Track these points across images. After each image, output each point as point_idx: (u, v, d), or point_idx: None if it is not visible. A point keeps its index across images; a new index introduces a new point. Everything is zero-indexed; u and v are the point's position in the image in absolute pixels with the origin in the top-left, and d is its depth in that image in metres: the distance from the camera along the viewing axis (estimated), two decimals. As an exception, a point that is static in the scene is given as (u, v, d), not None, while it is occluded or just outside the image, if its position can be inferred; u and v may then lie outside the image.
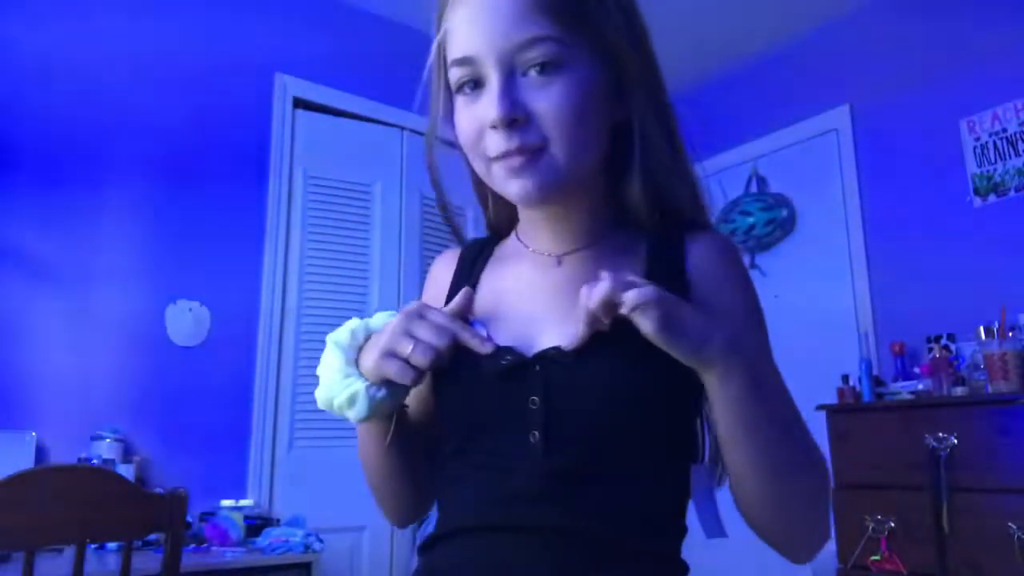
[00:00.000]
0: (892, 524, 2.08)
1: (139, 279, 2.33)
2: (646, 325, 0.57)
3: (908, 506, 2.06)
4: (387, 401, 0.66)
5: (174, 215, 2.42)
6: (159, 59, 2.47)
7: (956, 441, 1.98)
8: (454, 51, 0.65)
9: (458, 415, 0.69)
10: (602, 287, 0.58)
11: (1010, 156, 2.46)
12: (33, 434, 2.04)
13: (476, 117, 0.65)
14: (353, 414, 0.66)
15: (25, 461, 1.98)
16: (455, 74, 0.65)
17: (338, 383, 0.66)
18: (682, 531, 0.68)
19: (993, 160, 2.49)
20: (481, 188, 0.76)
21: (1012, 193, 2.44)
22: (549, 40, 0.62)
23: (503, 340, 0.67)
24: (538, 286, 0.71)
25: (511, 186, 0.65)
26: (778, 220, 3.08)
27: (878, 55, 2.87)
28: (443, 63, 0.68)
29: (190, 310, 2.40)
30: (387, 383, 0.66)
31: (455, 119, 0.68)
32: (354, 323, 0.69)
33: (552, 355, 0.64)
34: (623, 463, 0.64)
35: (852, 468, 2.21)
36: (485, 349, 0.65)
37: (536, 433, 0.63)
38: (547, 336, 0.66)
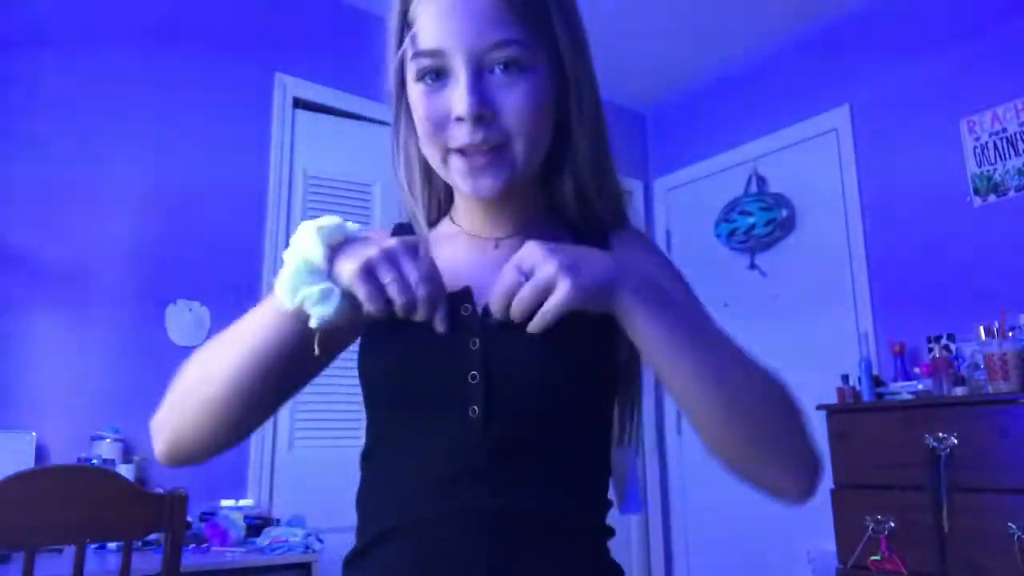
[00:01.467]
0: (892, 524, 2.08)
1: (139, 279, 2.33)
2: (565, 292, 0.59)
3: (908, 506, 2.06)
4: (350, 314, 0.62)
5: (174, 215, 2.42)
6: (159, 59, 2.47)
7: (956, 441, 1.98)
8: (424, 42, 0.66)
9: (388, 381, 0.68)
10: (524, 293, 0.60)
11: (1010, 156, 2.46)
12: (33, 434, 2.04)
13: (441, 107, 0.67)
14: (318, 312, 0.60)
15: (25, 461, 1.98)
16: (420, 63, 0.67)
17: (310, 274, 0.61)
18: (608, 504, 0.72)
19: (993, 160, 2.49)
20: (413, 174, 0.78)
21: (1012, 193, 2.44)
22: (518, 43, 0.65)
23: None
24: (476, 264, 0.73)
25: (468, 182, 0.68)
26: (778, 220, 3.08)
27: (878, 55, 2.87)
28: (407, 57, 0.69)
29: (190, 310, 2.40)
30: (350, 296, 0.62)
31: (414, 105, 0.69)
32: (336, 220, 0.65)
33: (491, 327, 0.65)
34: (558, 439, 0.67)
35: (852, 468, 2.22)
36: (441, 328, 0.63)
37: (475, 408, 0.65)
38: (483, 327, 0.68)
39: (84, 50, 2.33)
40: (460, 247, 0.76)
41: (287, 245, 0.68)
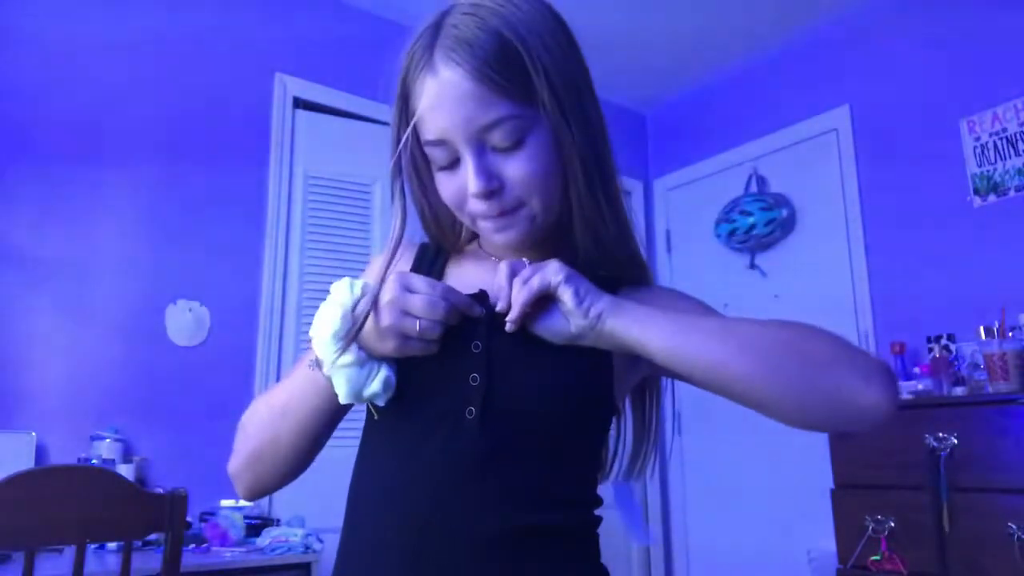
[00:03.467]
0: (892, 524, 2.08)
1: (139, 279, 2.33)
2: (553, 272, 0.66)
3: (908, 506, 2.06)
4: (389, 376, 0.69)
5: (174, 215, 2.42)
6: (159, 59, 2.47)
7: (956, 441, 1.98)
8: (427, 133, 0.70)
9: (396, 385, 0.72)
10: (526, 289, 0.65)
11: (1010, 156, 2.46)
12: (33, 434, 2.04)
13: (458, 188, 0.71)
14: (384, 399, 0.68)
15: (25, 461, 1.98)
16: (433, 153, 0.72)
17: (359, 371, 0.66)
18: (598, 517, 0.74)
19: (993, 160, 2.49)
20: (439, 212, 0.81)
21: (1012, 193, 2.44)
22: (506, 119, 0.67)
23: None
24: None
25: (497, 238, 0.73)
26: (778, 220, 3.08)
27: (878, 55, 2.87)
28: (415, 133, 0.73)
29: (190, 310, 2.40)
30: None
31: (439, 187, 0.74)
32: (348, 291, 0.67)
33: (498, 333, 0.67)
34: (553, 446, 0.69)
35: (852, 468, 2.22)
36: (476, 312, 0.68)
37: (472, 409, 0.67)
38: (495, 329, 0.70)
39: (85, 50, 2.33)
40: (490, 269, 0.76)
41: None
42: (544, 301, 0.66)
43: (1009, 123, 2.47)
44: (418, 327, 0.64)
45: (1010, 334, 2.10)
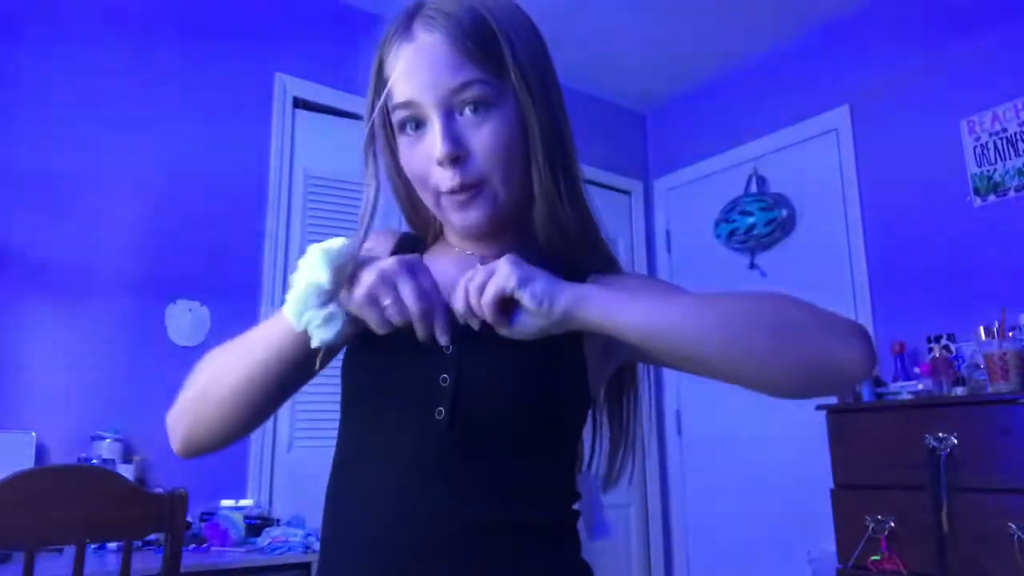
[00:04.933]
0: (892, 524, 2.08)
1: (139, 279, 2.33)
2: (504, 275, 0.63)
3: (908, 506, 2.06)
4: (351, 334, 0.66)
5: (174, 215, 2.42)
6: (159, 59, 2.47)
7: (956, 441, 1.98)
8: (397, 96, 0.72)
9: (364, 381, 0.73)
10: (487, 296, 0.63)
11: (1010, 156, 2.46)
12: (33, 434, 2.04)
13: (423, 154, 0.72)
14: (320, 335, 0.64)
15: (25, 461, 1.98)
16: (399, 115, 0.73)
17: (316, 297, 0.64)
18: (574, 513, 0.74)
19: (993, 160, 2.49)
20: (411, 205, 0.83)
21: (1012, 193, 2.44)
22: (478, 82, 0.70)
23: None
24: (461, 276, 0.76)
25: (457, 217, 0.73)
26: (778, 220, 3.08)
27: (878, 55, 2.87)
28: (385, 109, 0.75)
29: (190, 310, 2.40)
30: (353, 318, 0.66)
31: (401, 156, 0.75)
32: (342, 242, 0.66)
33: (470, 336, 0.66)
34: (522, 447, 0.69)
35: (852, 468, 2.22)
36: (443, 340, 0.64)
37: (442, 409, 0.68)
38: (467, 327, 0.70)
39: (85, 50, 2.33)
40: (451, 264, 0.78)
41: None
42: (507, 304, 0.64)
43: (1009, 123, 2.47)
44: (389, 311, 0.62)
45: (1010, 334, 2.10)
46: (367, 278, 0.63)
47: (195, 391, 0.74)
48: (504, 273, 0.63)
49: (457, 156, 0.70)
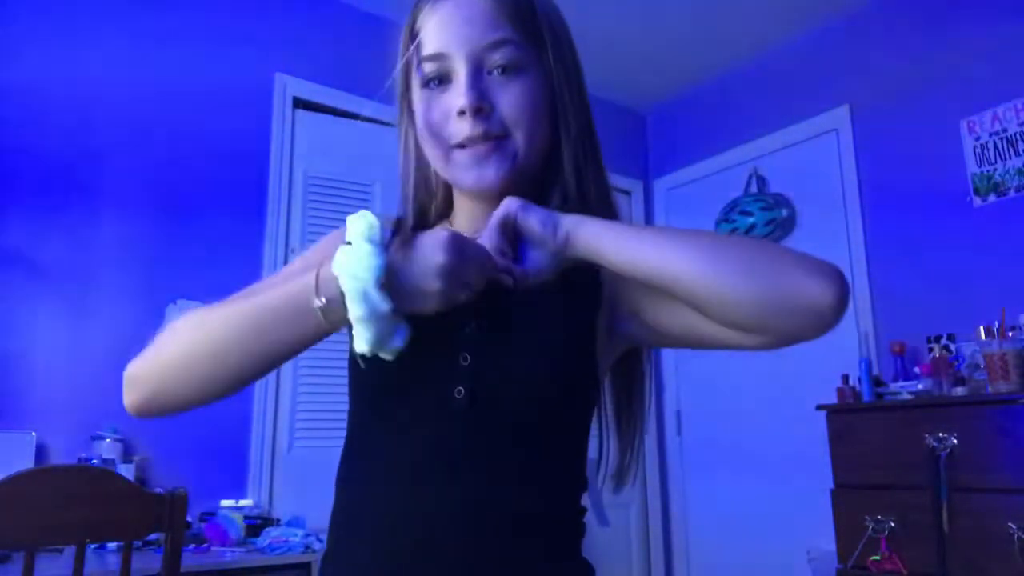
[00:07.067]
0: (892, 524, 2.08)
1: (139, 279, 2.33)
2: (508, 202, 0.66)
3: (908, 506, 2.06)
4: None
5: (174, 215, 2.42)
6: (159, 58, 2.47)
7: (956, 441, 1.98)
8: (427, 48, 0.71)
9: (379, 364, 0.66)
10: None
11: (1010, 156, 2.46)
12: (33, 434, 2.04)
13: (443, 106, 0.71)
14: (394, 350, 0.61)
15: (25, 461, 1.97)
16: (426, 68, 0.71)
17: (385, 325, 0.59)
18: (582, 507, 0.73)
19: (993, 160, 2.49)
20: (418, 184, 0.80)
21: (1012, 193, 2.44)
22: (513, 43, 0.70)
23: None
24: None
25: (471, 173, 0.70)
26: (778, 220, 3.08)
27: (878, 55, 2.87)
28: (413, 65, 0.73)
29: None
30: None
31: (420, 109, 0.73)
32: (376, 231, 0.60)
33: (488, 319, 0.68)
34: (540, 433, 0.68)
35: (852, 468, 2.22)
36: (506, 282, 0.64)
37: (462, 389, 0.66)
38: (479, 312, 0.69)
39: (86, 50, 2.33)
40: None
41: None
42: (515, 249, 0.66)
43: (1009, 123, 2.47)
44: (464, 296, 0.61)
45: (1010, 334, 2.10)
46: (435, 285, 0.59)
47: (175, 352, 0.68)
48: (507, 203, 0.66)
49: (480, 108, 0.69)
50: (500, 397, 0.67)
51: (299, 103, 2.78)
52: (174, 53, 2.50)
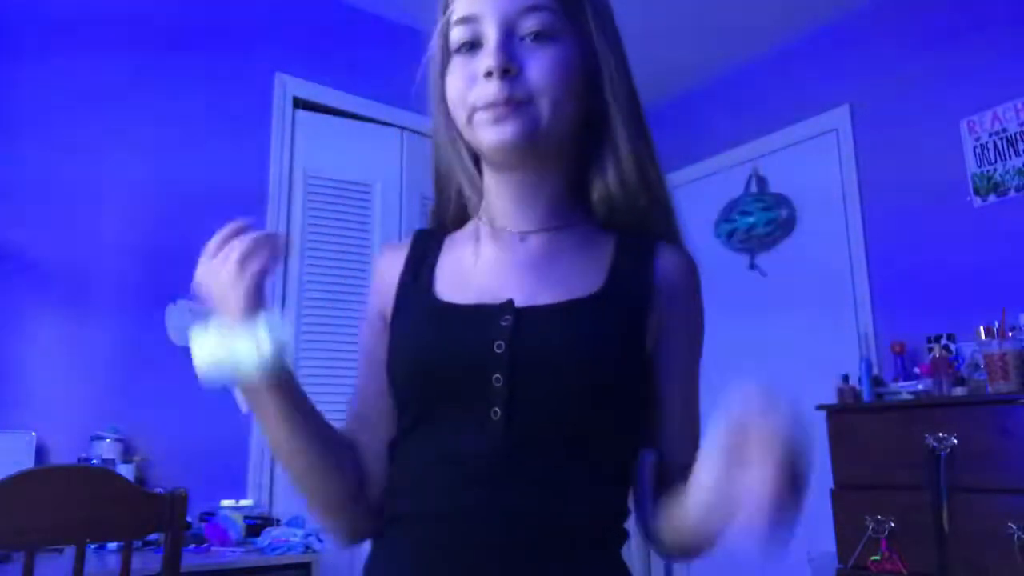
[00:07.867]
0: (892, 524, 2.08)
1: (139, 279, 2.33)
2: None
3: (908, 506, 2.06)
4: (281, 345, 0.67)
5: (174, 215, 2.42)
6: (160, 59, 2.46)
7: (956, 441, 1.98)
8: (459, 11, 0.69)
9: (415, 357, 0.69)
10: None
11: (1010, 156, 2.46)
12: (33, 434, 2.04)
13: (470, 69, 0.69)
14: (277, 337, 0.67)
15: (25, 461, 1.97)
16: (457, 33, 0.70)
17: (230, 337, 0.67)
18: (626, 512, 0.71)
19: (993, 160, 2.49)
20: (447, 175, 0.78)
21: (1012, 193, 2.44)
22: (546, 10, 0.68)
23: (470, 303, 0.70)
24: (503, 261, 0.73)
25: (492, 130, 0.68)
26: (778, 220, 3.08)
27: (878, 55, 2.87)
28: (445, 37, 0.72)
29: (190, 310, 2.40)
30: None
31: (447, 82, 0.71)
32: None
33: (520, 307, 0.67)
34: (579, 438, 0.65)
35: (852, 468, 2.21)
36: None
37: (497, 410, 0.64)
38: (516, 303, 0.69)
39: (86, 50, 2.33)
40: (486, 245, 0.75)
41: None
42: None
43: (1009, 123, 2.47)
44: (258, 266, 0.68)
45: (1010, 334, 2.10)
46: (222, 287, 0.70)
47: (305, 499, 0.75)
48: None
49: (507, 69, 0.66)
50: (535, 414, 0.65)
51: (299, 103, 2.77)
52: (175, 53, 2.50)
